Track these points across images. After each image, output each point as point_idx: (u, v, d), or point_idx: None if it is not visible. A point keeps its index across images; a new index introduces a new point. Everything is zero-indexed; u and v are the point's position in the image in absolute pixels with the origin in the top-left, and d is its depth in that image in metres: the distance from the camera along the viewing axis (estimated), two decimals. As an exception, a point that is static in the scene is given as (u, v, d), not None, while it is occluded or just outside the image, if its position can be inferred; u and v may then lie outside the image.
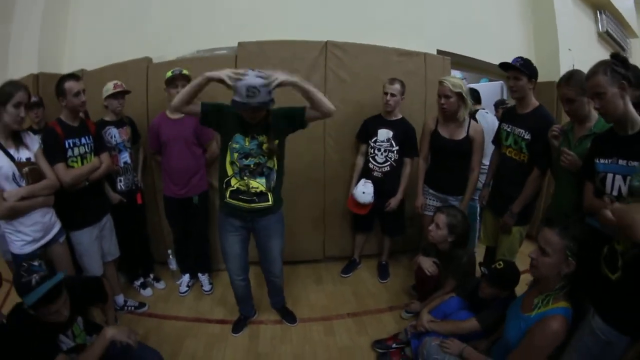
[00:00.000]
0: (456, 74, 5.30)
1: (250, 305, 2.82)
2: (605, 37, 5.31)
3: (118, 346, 2.00)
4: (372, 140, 3.13)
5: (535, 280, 1.84)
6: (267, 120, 2.16)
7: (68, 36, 3.61)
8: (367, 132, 3.18)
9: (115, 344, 2.00)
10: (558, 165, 2.16)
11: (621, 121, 1.67)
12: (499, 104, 4.48)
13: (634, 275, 1.28)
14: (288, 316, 2.86)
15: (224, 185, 2.24)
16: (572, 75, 2.06)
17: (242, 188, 2.20)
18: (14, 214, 2.03)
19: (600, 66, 1.66)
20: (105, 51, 3.40)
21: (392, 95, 3.00)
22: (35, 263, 1.57)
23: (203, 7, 3.43)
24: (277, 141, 2.20)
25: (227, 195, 2.23)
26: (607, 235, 1.51)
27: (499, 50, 3.81)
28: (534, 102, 2.47)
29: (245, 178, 2.18)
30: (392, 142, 3.09)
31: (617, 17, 5.47)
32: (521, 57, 2.46)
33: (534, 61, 4.07)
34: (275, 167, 2.23)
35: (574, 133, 2.16)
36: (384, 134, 3.09)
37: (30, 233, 2.11)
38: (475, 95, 3.86)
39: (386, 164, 3.14)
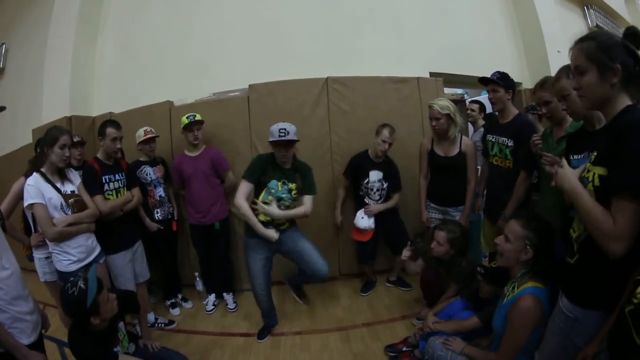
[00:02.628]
0: (457, 91, 5.52)
1: (273, 315, 3.10)
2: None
3: (150, 351, 2.29)
4: (365, 182, 3.36)
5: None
6: (296, 169, 2.73)
7: (95, 82, 4.16)
8: (357, 171, 3.41)
9: (147, 348, 2.29)
10: (542, 169, 2.33)
11: (588, 118, 1.84)
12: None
13: (587, 256, 1.41)
14: (302, 295, 3.08)
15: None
16: (547, 80, 2.23)
17: (267, 220, 2.68)
18: (62, 238, 2.36)
19: (562, 71, 1.89)
20: (130, 95, 3.92)
21: (390, 144, 3.25)
22: (71, 279, 1.82)
23: (217, 53, 3.91)
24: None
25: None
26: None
27: (491, 63, 3.94)
28: (513, 111, 2.68)
29: None
30: (383, 181, 3.35)
31: (605, 10, 5.49)
32: (498, 71, 2.70)
33: (525, 69, 4.30)
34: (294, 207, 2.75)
35: (552, 136, 2.33)
36: (375, 175, 3.34)
37: (75, 254, 2.43)
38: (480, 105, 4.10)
39: (381, 200, 3.39)
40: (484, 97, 4.68)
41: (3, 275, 1.59)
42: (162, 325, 3.23)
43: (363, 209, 3.34)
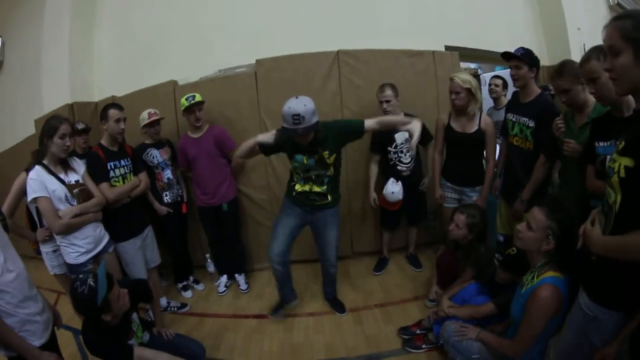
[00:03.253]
0: (470, 66, 5.28)
1: (290, 289, 3.01)
2: (617, 9, 4.95)
3: (165, 338, 2.29)
4: (392, 147, 3.24)
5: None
6: (317, 138, 2.39)
7: (95, 66, 4.01)
8: (381, 141, 3.28)
9: (162, 335, 2.28)
10: (564, 154, 2.24)
11: (617, 104, 1.75)
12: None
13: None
14: (337, 306, 3.07)
15: (291, 186, 2.65)
16: (564, 66, 2.12)
17: (307, 190, 2.59)
18: (69, 230, 2.32)
19: (593, 52, 1.76)
20: (132, 77, 3.77)
21: (387, 101, 3.13)
22: (80, 276, 1.76)
23: (221, 28, 3.71)
24: (333, 157, 2.50)
25: (294, 194, 2.64)
26: None
27: (507, 38, 3.82)
28: (535, 90, 2.53)
29: (310, 183, 2.57)
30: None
31: None
32: (522, 47, 2.53)
33: (543, 45, 4.08)
34: (333, 173, 2.57)
35: (575, 121, 2.22)
36: (400, 137, 3.17)
37: (83, 245, 2.39)
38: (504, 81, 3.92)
39: (412, 161, 3.28)
40: (504, 73, 4.46)
41: (8, 278, 1.55)
42: (175, 309, 3.25)
43: (392, 182, 3.18)
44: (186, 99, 3.09)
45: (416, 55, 3.56)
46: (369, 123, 2.43)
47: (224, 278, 3.55)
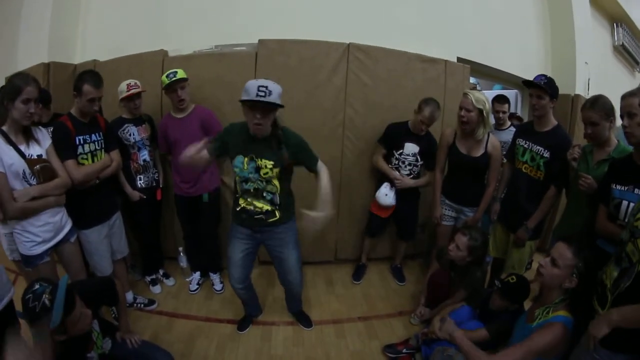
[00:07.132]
0: (470, 80, 5.26)
1: (255, 306, 2.82)
2: (621, 50, 5.19)
3: (129, 347, 2.02)
4: (398, 152, 3.08)
5: (538, 294, 1.91)
6: (277, 140, 2.05)
7: (80, 25, 3.51)
8: (392, 140, 3.11)
9: (126, 343, 2.02)
10: (573, 185, 2.23)
11: None
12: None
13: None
14: (304, 320, 2.86)
15: (235, 201, 2.27)
16: (598, 100, 2.09)
17: (249, 208, 2.20)
18: (24, 215, 1.97)
19: None
20: (118, 41, 3.33)
21: (427, 124, 2.93)
22: (35, 287, 1.46)
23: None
24: (277, 170, 2.10)
25: (238, 210, 2.25)
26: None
27: (517, 59, 3.80)
28: (553, 121, 2.48)
29: (249, 199, 2.19)
30: (418, 157, 3.05)
31: (632, 30, 5.34)
32: (544, 75, 2.45)
33: (550, 73, 4.08)
34: (278, 190, 2.17)
35: (592, 156, 2.20)
36: (410, 148, 3.02)
37: (39, 234, 2.05)
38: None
39: (409, 176, 3.11)
40: (495, 92, 4.39)
41: None
42: (142, 305, 2.92)
43: (386, 184, 3.07)
44: (167, 76, 2.68)
45: (429, 61, 3.39)
46: (322, 167, 2.14)
47: (197, 275, 3.25)
